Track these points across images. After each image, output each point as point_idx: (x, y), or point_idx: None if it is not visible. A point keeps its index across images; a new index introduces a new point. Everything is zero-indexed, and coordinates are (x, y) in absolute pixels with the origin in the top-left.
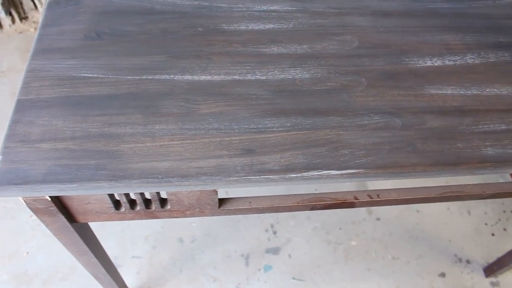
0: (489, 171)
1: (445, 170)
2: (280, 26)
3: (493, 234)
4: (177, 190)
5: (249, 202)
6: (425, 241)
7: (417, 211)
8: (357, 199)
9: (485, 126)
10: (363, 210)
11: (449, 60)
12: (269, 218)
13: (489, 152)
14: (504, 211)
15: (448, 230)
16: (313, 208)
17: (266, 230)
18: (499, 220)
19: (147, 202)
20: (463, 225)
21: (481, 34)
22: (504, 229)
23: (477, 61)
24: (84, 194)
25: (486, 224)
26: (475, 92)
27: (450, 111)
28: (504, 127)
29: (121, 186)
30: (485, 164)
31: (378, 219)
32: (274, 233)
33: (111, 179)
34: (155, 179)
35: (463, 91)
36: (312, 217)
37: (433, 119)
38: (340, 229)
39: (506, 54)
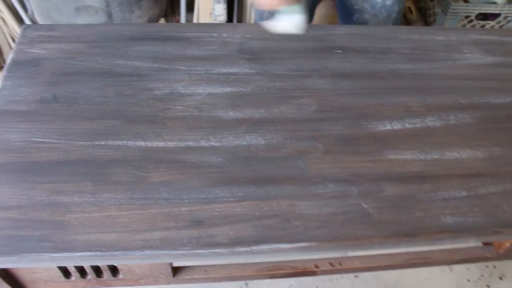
0: (449, 241)
1: (402, 241)
2: (238, 90)
3: None
4: (122, 263)
5: (206, 271)
6: None
7: None
8: (318, 268)
9: (444, 193)
10: None
11: (409, 123)
12: None
13: (449, 221)
14: (487, 267)
15: (429, 287)
16: (272, 276)
17: None
18: (482, 276)
19: (97, 271)
20: (444, 282)
21: (441, 95)
22: (487, 286)
23: (437, 124)
24: (25, 266)
25: (468, 280)
26: (435, 157)
27: (409, 177)
28: (464, 194)
29: (63, 259)
30: (444, 234)
31: (356, 276)
32: None
33: (53, 252)
34: (99, 252)
35: (422, 155)
36: None
37: (391, 187)
38: (316, 287)
39: (466, 116)
